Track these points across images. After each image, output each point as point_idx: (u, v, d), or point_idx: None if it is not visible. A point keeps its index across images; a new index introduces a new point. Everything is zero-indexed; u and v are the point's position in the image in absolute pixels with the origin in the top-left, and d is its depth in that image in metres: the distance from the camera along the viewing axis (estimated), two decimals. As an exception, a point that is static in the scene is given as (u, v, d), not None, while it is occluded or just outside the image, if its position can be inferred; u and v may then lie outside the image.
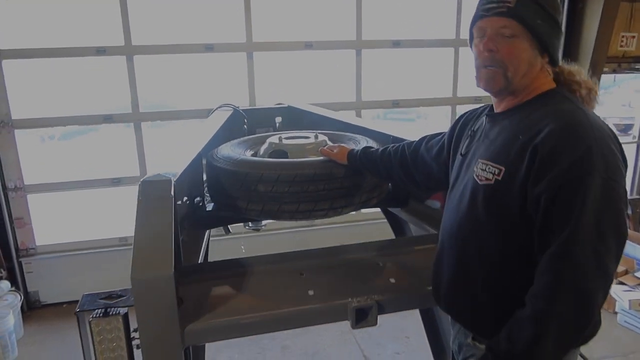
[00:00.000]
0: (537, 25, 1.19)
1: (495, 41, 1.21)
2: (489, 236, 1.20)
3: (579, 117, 1.13)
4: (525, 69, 1.21)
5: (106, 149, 4.31)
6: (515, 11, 1.19)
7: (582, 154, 1.05)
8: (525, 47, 1.20)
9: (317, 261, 1.64)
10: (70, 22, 3.96)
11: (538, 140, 1.10)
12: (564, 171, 1.05)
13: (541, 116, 1.16)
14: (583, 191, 1.04)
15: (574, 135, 1.08)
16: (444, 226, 1.38)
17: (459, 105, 4.86)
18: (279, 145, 2.04)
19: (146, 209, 1.42)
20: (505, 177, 1.16)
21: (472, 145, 1.34)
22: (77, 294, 4.22)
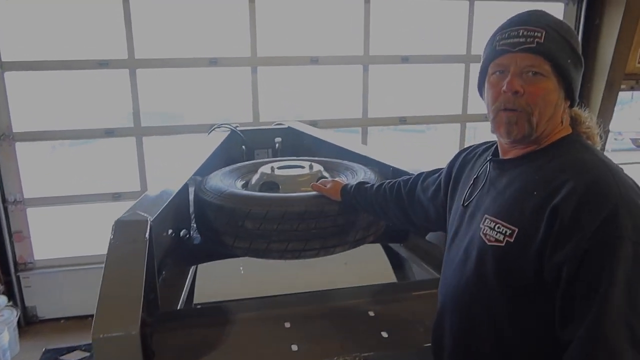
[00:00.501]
0: (567, 64, 1.05)
1: (521, 81, 1.05)
2: (500, 302, 1.05)
3: (601, 171, 0.98)
4: (551, 114, 1.06)
5: (109, 159, 4.24)
6: (545, 48, 1.04)
7: (608, 215, 0.91)
8: (553, 89, 1.05)
9: (303, 308, 1.52)
10: (74, 35, 3.91)
11: (558, 200, 0.96)
12: (588, 236, 0.91)
13: (559, 169, 1.02)
14: (611, 259, 0.89)
15: (598, 194, 0.94)
16: (445, 285, 1.23)
17: (468, 122, 4.72)
18: (271, 176, 1.94)
19: (117, 253, 1.32)
20: (519, 239, 1.01)
21: (474, 194, 1.19)
22: (76, 310, 4.20)
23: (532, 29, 1.04)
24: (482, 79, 1.17)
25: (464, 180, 1.28)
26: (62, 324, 4.17)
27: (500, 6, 4.54)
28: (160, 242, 1.61)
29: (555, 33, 1.05)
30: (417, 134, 4.77)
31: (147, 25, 3.95)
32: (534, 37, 1.04)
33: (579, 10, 4.59)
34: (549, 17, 1.08)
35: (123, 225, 1.40)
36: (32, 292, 4.13)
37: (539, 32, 1.04)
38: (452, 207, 1.30)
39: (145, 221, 1.41)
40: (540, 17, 1.07)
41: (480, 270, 1.08)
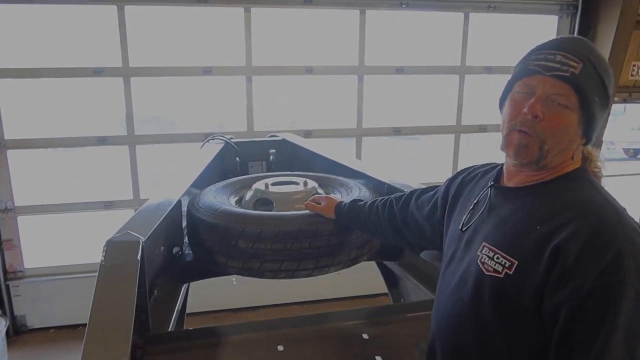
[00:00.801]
0: (594, 102, 1.01)
1: (544, 106, 1.01)
2: (493, 332, 1.04)
3: (608, 212, 0.96)
4: (564, 146, 1.03)
5: (101, 167, 4.21)
6: (578, 80, 0.99)
7: (612, 259, 0.89)
8: (573, 123, 1.01)
9: (296, 331, 1.51)
10: (68, 42, 3.88)
11: (561, 239, 0.93)
12: (590, 279, 0.89)
13: (565, 205, 0.99)
14: (612, 304, 0.88)
15: (602, 238, 0.92)
16: (439, 310, 1.21)
17: (462, 133, 4.73)
18: (265, 192, 1.92)
19: (108, 276, 1.30)
20: (518, 272, 0.99)
21: (473, 219, 1.15)
22: (66, 319, 4.15)
23: (570, 57, 1.00)
24: (505, 94, 1.12)
25: (462, 202, 1.26)
26: (51, 334, 4.11)
27: (495, 18, 4.56)
28: (152, 261, 1.59)
29: (592, 68, 1.00)
30: (412, 142, 4.77)
31: (142, 33, 3.93)
32: (569, 66, 1.00)
33: (573, 23, 4.62)
34: (591, 50, 1.03)
35: (114, 246, 1.38)
36: (22, 301, 4.08)
37: (577, 62, 0.99)
38: (449, 228, 1.28)
39: (137, 242, 1.39)
40: (582, 47, 1.02)
41: (476, 299, 1.06)
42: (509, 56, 4.66)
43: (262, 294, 4.20)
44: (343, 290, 4.36)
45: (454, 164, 4.76)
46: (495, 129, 4.79)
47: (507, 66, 4.64)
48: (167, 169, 4.20)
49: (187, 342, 1.46)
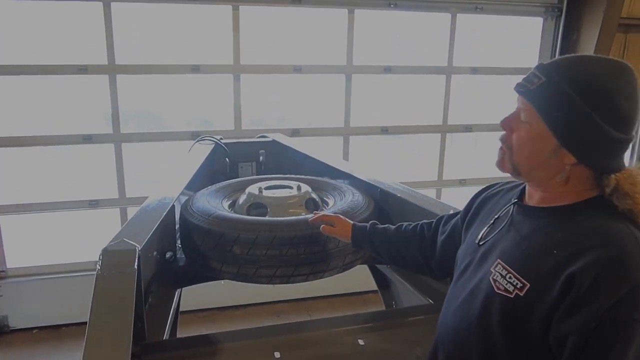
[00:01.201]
0: (556, 119, 0.99)
1: (511, 121, 1.06)
2: (498, 351, 1.03)
3: (629, 244, 0.92)
4: (535, 164, 1.03)
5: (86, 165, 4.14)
6: (534, 95, 1.01)
7: (626, 294, 0.87)
8: (536, 138, 1.01)
9: (292, 337, 1.51)
10: (52, 39, 3.80)
11: (577, 267, 0.91)
12: (601, 312, 0.87)
13: (585, 233, 0.97)
14: (621, 340, 0.86)
15: (619, 271, 0.89)
16: (444, 321, 1.20)
17: (449, 133, 4.77)
18: (259, 197, 1.92)
19: (105, 286, 1.29)
20: (529, 295, 0.97)
21: (492, 234, 1.14)
22: (49, 319, 4.09)
23: (537, 74, 1.02)
24: None
25: (482, 216, 1.25)
26: (35, 334, 4.05)
27: (482, 19, 4.60)
28: (147, 267, 1.58)
29: (562, 82, 0.98)
30: (398, 139, 4.78)
31: (129, 30, 3.87)
32: (530, 82, 1.02)
33: (557, 26, 4.68)
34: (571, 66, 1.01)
35: (110, 255, 1.37)
36: (4, 301, 4.00)
37: (539, 78, 1.01)
38: (465, 240, 1.27)
39: (133, 250, 1.38)
40: (556, 64, 1.02)
41: (484, 316, 1.05)
42: (495, 57, 4.71)
43: (249, 293, 4.18)
44: (330, 289, 4.38)
45: (439, 163, 4.81)
46: (480, 128, 4.87)
47: (493, 67, 4.70)
48: (154, 168, 4.16)
49: (183, 350, 1.45)
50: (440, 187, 4.84)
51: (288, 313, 4.34)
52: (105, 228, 4.19)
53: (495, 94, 4.70)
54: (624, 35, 4.85)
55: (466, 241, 1.26)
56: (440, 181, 4.83)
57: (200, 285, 2.30)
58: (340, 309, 4.38)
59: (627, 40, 4.89)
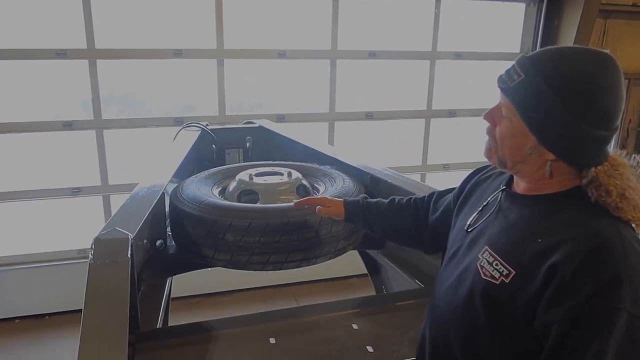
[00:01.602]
0: (532, 116, 0.99)
1: (494, 115, 1.07)
2: (486, 335, 1.05)
3: (610, 234, 0.94)
4: (517, 156, 1.04)
5: (67, 152, 4.05)
6: (512, 91, 1.02)
7: (609, 282, 0.88)
8: (515, 134, 1.03)
9: (286, 323, 1.52)
10: (29, 22, 3.68)
11: (558, 258, 0.92)
12: (583, 301, 0.88)
13: (569, 222, 0.98)
14: (604, 328, 0.87)
15: (601, 260, 0.90)
16: (434, 305, 1.23)
17: (433, 118, 4.80)
18: (249, 184, 1.91)
19: (98, 275, 1.28)
20: (514, 282, 0.99)
21: (480, 221, 1.16)
22: (31, 309, 4.04)
23: (516, 69, 1.02)
24: None
25: (472, 201, 1.27)
26: (17, 324, 3.99)
27: (466, 4, 4.61)
28: (139, 256, 1.57)
29: (539, 80, 0.98)
30: (382, 123, 4.78)
31: (108, 14, 3.77)
32: (509, 79, 1.02)
33: (539, 12, 4.72)
34: (549, 64, 0.99)
35: (103, 244, 1.35)
36: (-16, 291, 3.94)
37: (518, 75, 1.01)
38: (455, 225, 1.29)
39: (126, 239, 1.37)
40: (534, 60, 1.01)
41: (470, 301, 1.08)
42: (478, 42, 4.74)
43: (235, 279, 4.15)
44: (315, 274, 4.39)
45: (424, 149, 4.84)
46: (464, 113, 4.91)
47: (476, 52, 4.72)
48: (137, 155, 4.09)
49: (178, 338, 1.45)
50: (424, 172, 4.88)
51: (274, 298, 4.36)
52: (88, 216, 4.13)
53: (478, 79, 4.74)
54: (603, 21, 4.92)
55: (456, 226, 1.28)
56: (425, 166, 4.87)
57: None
58: (325, 294, 4.42)
59: (606, 25, 4.96)
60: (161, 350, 1.39)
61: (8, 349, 3.71)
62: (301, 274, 4.35)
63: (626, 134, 5.35)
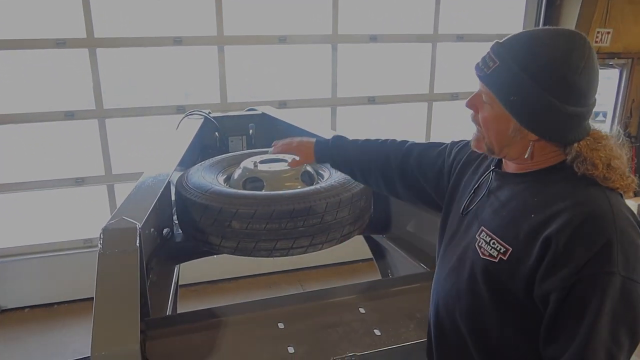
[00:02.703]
0: (510, 100, 1.02)
1: (475, 102, 1.11)
2: (488, 312, 1.09)
3: (600, 202, 0.98)
4: (502, 140, 1.07)
5: (70, 142, 4.05)
6: (490, 79, 1.05)
7: (600, 249, 0.93)
8: (498, 118, 1.06)
9: (294, 308, 1.54)
10: (27, 12, 3.66)
11: (552, 230, 0.96)
12: (578, 268, 0.93)
13: (559, 195, 1.01)
14: (599, 292, 0.92)
15: (593, 228, 0.94)
16: (436, 289, 1.26)
17: (435, 101, 4.78)
18: (254, 171, 1.92)
19: (108, 264, 1.29)
20: (511, 259, 1.03)
21: (474, 203, 1.19)
22: (40, 299, 4.09)
23: (491, 56, 1.06)
24: None
25: (465, 183, 1.29)
26: (26, 313, 4.04)
27: (467, -15, 4.56)
28: (147, 245, 1.59)
29: (510, 67, 1.02)
30: (385, 107, 4.76)
31: (107, 2, 3.74)
32: (485, 66, 1.06)
33: (541, -9, 4.67)
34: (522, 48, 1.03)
35: (112, 233, 1.36)
36: (-7, 281, 3.98)
37: (494, 61, 1.05)
38: (450, 210, 1.30)
39: (134, 228, 1.38)
40: (507, 45, 1.05)
41: (472, 281, 1.11)
42: (480, 24, 4.69)
43: (240, 265, 4.22)
44: (320, 259, 4.43)
45: (427, 132, 4.83)
46: (466, 96, 4.86)
47: (478, 34, 4.68)
48: (141, 143, 4.09)
49: (188, 324, 1.47)
50: (427, 156, 4.87)
51: (280, 284, 4.39)
52: (92, 206, 4.15)
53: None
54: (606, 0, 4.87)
55: (452, 211, 1.29)
56: (427, 150, 4.85)
57: (192, 260, 2.32)
58: (330, 279, 4.45)
59: (609, 4, 4.90)
60: (171, 337, 1.41)
61: (18, 337, 3.76)
62: (307, 260, 4.38)
63: (629, 113, 5.33)
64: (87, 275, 1.31)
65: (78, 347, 3.52)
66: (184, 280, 4.02)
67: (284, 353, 1.37)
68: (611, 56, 5.12)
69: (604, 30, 4.97)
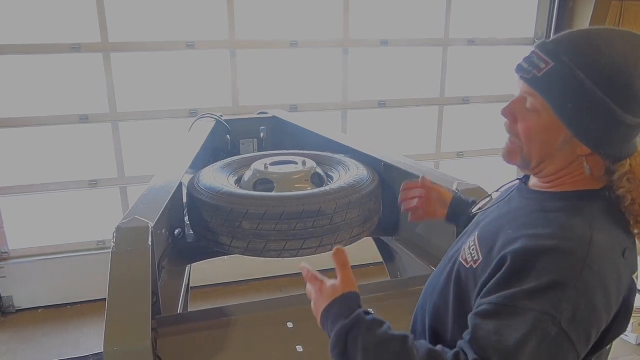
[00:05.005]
0: (567, 107, 0.90)
1: (515, 109, 0.97)
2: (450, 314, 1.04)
3: (572, 242, 0.86)
4: (546, 153, 0.95)
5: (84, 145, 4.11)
6: (541, 82, 0.92)
7: (548, 286, 0.83)
8: (546, 128, 0.93)
9: (304, 307, 1.55)
10: (43, 18, 3.73)
11: (512, 249, 0.89)
12: (517, 294, 0.84)
13: (540, 220, 0.93)
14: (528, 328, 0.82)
15: (550, 262, 0.85)
16: (425, 286, 1.24)
17: (446, 105, 4.77)
18: (265, 173, 1.94)
19: (121, 262, 1.31)
20: (479, 268, 0.96)
21: (488, 207, 1.14)
22: (54, 299, 4.14)
23: (542, 57, 0.93)
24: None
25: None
26: (40, 314, 4.10)
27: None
28: (159, 245, 1.61)
29: (569, 69, 0.89)
30: (395, 111, 4.76)
31: (122, 7, 3.80)
32: (535, 67, 0.93)
33: (554, -5, 4.66)
34: (582, 48, 0.90)
35: (124, 232, 1.39)
36: (8, 282, 4.04)
37: (546, 63, 0.92)
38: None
39: (147, 227, 1.40)
40: (563, 45, 0.92)
41: (448, 280, 1.08)
42: (491, 27, 4.68)
43: (251, 268, 4.25)
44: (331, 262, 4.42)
45: (437, 136, 4.83)
46: (477, 100, 4.87)
47: (489, 38, 4.67)
48: (153, 146, 4.14)
49: (198, 322, 1.48)
50: (438, 160, 4.87)
51: (290, 287, 4.40)
52: (106, 208, 4.20)
53: (492, 65, 4.69)
54: (620, 2, 4.82)
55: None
56: (439, 154, 4.86)
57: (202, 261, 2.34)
58: (341, 282, 4.43)
59: (623, 7, 4.86)
60: (182, 335, 1.43)
61: (32, 337, 3.81)
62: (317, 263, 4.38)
63: None
64: (100, 277, 1.33)
65: (91, 347, 3.56)
66: (195, 282, 4.08)
67: (293, 352, 1.38)
68: (625, 60, 5.08)
69: (618, 34, 4.94)
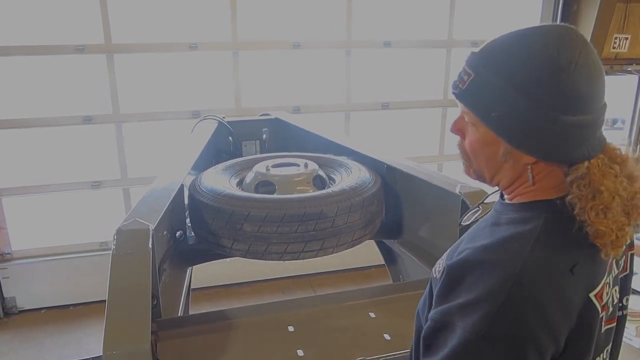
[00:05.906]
0: (494, 119, 0.84)
1: (460, 125, 0.93)
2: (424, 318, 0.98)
3: (513, 264, 0.80)
4: (492, 167, 0.90)
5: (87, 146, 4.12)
6: (466, 96, 0.88)
7: (474, 301, 0.78)
8: (485, 141, 0.88)
9: (305, 312, 1.54)
10: (48, 19, 3.74)
11: (453, 261, 0.86)
12: (446, 310, 0.82)
13: (492, 233, 0.88)
14: (438, 340, 0.81)
15: (478, 275, 0.81)
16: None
17: (449, 107, 4.76)
18: (266, 175, 1.93)
19: (121, 265, 1.31)
20: (438, 279, 0.91)
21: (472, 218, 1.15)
22: (57, 300, 4.15)
23: (466, 69, 0.89)
24: None
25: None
26: (42, 314, 4.10)
27: (482, -9, 4.55)
28: (159, 247, 1.60)
29: (487, 77, 0.85)
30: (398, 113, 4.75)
31: (125, 9, 3.81)
32: (462, 81, 0.89)
33: (558, -4, 4.64)
34: (498, 53, 0.86)
35: (125, 235, 1.38)
36: (11, 283, 4.04)
37: (468, 75, 0.88)
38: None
39: (147, 230, 1.40)
40: (482, 53, 0.88)
41: (428, 290, 1.03)
42: (495, 30, 4.66)
43: (253, 270, 4.24)
44: (333, 264, 4.43)
45: (440, 138, 4.81)
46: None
47: (493, 39, 4.65)
48: (156, 147, 4.14)
49: (199, 325, 1.48)
50: (441, 162, 4.86)
51: (293, 289, 4.39)
52: (108, 209, 4.21)
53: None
54: (624, 5, 4.80)
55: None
56: (442, 156, 4.84)
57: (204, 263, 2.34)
58: (343, 284, 4.44)
59: (627, 10, 4.84)
60: (182, 337, 1.43)
61: (35, 338, 3.82)
62: (319, 265, 4.39)
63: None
64: (103, 278, 1.32)
65: (93, 348, 3.56)
66: (196, 284, 4.07)
67: (294, 356, 1.37)
68: (629, 62, 5.05)
69: (622, 36, 4.91)
